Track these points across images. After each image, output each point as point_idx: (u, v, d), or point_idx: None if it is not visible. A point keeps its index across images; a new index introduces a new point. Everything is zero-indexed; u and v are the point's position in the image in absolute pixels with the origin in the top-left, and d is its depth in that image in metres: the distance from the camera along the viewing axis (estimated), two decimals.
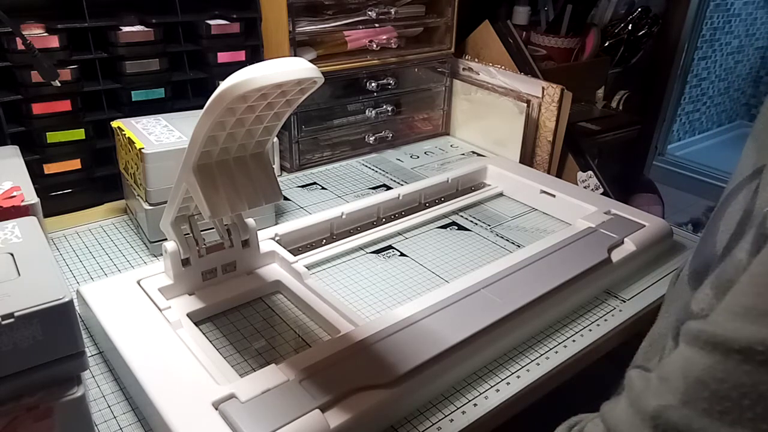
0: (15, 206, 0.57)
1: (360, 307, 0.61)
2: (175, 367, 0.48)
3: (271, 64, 0.42)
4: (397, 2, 0.96)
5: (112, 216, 0.78)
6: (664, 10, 1.45)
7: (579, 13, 1.17)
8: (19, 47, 0.67)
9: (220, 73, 0.83)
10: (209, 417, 0.43)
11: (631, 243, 0.68)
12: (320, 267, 0.68)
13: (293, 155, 0.93)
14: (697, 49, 2.29)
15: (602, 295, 0.65)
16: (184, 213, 0.56)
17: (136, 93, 0.79)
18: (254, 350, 0.55)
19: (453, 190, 0.86)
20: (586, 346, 0.57)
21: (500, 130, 1.01)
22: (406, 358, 0.49)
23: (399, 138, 1.06)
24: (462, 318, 0.54)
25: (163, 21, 0.78)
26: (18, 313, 0.35)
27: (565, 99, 0.93)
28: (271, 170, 0.53)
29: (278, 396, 0.45)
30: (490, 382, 0.53)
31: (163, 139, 0.67)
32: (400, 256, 0.71)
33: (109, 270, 0.67)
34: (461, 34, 1.07)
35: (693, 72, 2.40)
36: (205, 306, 0.58)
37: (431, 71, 1.07)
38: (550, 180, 0.86)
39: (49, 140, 0.74)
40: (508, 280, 0.60)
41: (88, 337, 0.56)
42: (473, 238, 0.76)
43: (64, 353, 0.37)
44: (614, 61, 1.35)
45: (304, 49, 0.90)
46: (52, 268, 0.40)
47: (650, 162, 1.59)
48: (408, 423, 0.48)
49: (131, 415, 0.48)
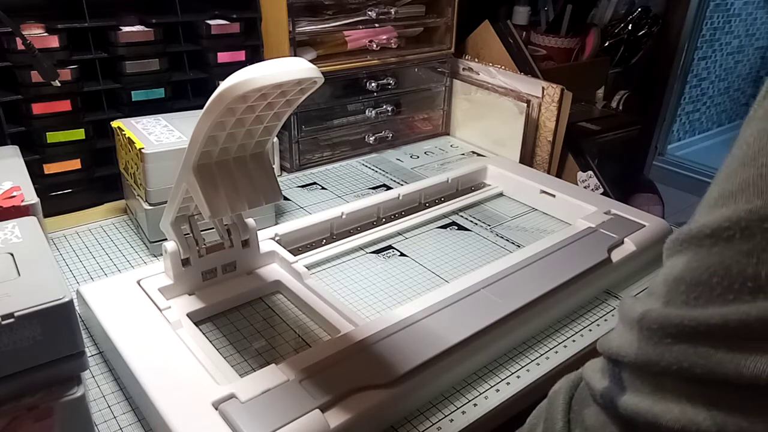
0: (15, 206, 0.57)
1: (360, 307, 0.61)
2: (175, 367, 0.48)
3: (271, 64, 0.42)
4: (397, 2, 0.97)
5: (112, 216, 0.78)
6: (664, 10, 1.45)
7: (579, 13, 1.17)
8: (19, 47, 0.67)
9: (220, 73, 0.83)
10: (209, 417, 0.43)
11: (631, 243, 0.68)
12: (320, 267, 0.68)
13: (293, 155, 0.93)
14: (697, 49, 2.29)
15: (602, 295, 0.65)
16: (184, 213, 0.56)
17: (136, 93, 0.79)
18: (254, 350, 0.55)
19: (453, 190, 0.86)
20: (586, 346, 0.57)
21: (500, 130, 1.01)
22: (406, 358, 0.49)
23: (399, 138, 1.06)
24: (462, 318, 0.54)
25: (163, 21, 0.78)
26: (18, 313, 0.35)
27: (565, 99, 0.93)
28: (271, 170, 0.53)
29: (278, 396, 0.45)
30: (490, 382, 0.53)
31: (163, 139, 0.67)
32: (400, 256, 0.71)
33: (109, 270, 0.67)
34: (461, 34, 1.07)
35: (693, 72, 2.40)
36: (205, 306, 0.58)
37: (431, 71, 1.07)
38: (550, 180, 0.86)
39: (49, 140, 0.74)
40: (508, 280, 0.60)
41: (88, 337, 0.56)
42: (473, 238, 0.76)
43: (64, 353, 0.37)
44: (614, 61, 1.35)
45: (304, 49, 0.90)
46: (52, 268, 0.40)
47: (650, 162, 1.59)
48: (408, 423, 0.48)
49: (131, 415, 0.48)
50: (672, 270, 0.26)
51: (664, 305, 0.26)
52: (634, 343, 0.27)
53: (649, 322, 0.26)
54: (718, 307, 0.23)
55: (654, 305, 0.26)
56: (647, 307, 0.27)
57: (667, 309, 0.25)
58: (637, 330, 0.26)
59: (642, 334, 0.26)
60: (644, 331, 0.26)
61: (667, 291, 0.26)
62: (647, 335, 0.26)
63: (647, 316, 0.26)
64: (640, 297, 0.29)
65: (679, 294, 0.25)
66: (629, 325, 0.27)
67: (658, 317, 0.25)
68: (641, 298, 0.28)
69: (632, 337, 0.27)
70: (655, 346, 0.25)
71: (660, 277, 0.27)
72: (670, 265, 0.27)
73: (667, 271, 0.27)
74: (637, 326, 0.27)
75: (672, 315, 0.25)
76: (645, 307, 0.27)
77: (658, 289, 0.27)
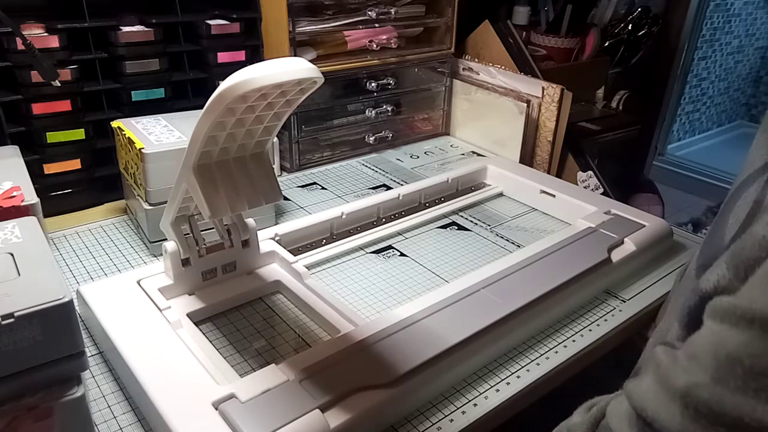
0: (15, 206, 0.57)
1: (360, 307, 0.61)
2: (175, 367, 0.48)
3: (271, 64, 0.42)
4: (397, 2, 0.96)
5: (112, 216, 0.78)
6: (664, 10, 1.45)
7: (579, 13, 1.17)
8: (19, 47, 0.67)
9: (220, 73, 0.83)
10: (209, 417, 0.43)
11: (631, 243, 0.68)
12: (320, 267, 0.68)
13: (293, 155, 0.93)
14: (697, 49, 2.28)
15: (602, 295, 0.65)
16: (184, 213, 0.56)
17: (136, 93, 0.79)
18: (254, 350, 0.55)
19: (453, 190, 0.86)
20: (586, 346, 0.57)
21: (500, 130, 1.01)
22: (406, 358, 0.49)
23: (399, 138, 1.06)
24: (462, 318, 0.54)
25: (163, 21, 0.78)
26: (18, 313, 0.35)
27: (565, 99, 0.93)
28: (271, 170, 0.53)
29: (278, 396, 0.45)
30: (490, 382, 0.53)
31: (163, 139, 0.67)
32: (400, 256, 0.71)
33: (109, 270, 0.67)
34: (461, 34, 1.07)
35: (693, 72, 2.40)
36: (205, 306, 0.58)
37: (431, 71, 1.07)
38: (550, 180, 0.86)
39: (49, 140, 0.74)
40: (508, 280, 0.60)
41: (88, 337, 0.56)
42: (473, 238, 0.76)
43: (64, 353, 0.37)
44: (614, 61, 1.35)
45: (304, 49, 0.90)
46: (52, 268, 0.40)
47: (650, 162, 1.59)
48: (408, 423, 0.48)
49: (131, 415, 0.48)
50: (723, 342, 0.24)
51: (714, 382, 0.24)
52: (676, 417, 0.25)
53: (697, 402, 0.24)
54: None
55: (701, 378, 0.24)
56: (693, 379, 0.24)
57: (720, 390, 0.23)
58: (681, 405, 0.24)
59: (687, 411, 0.24)
60: (690, 409, 0.24)
61: (717, 366, 0.24)
62: (693, 415, 0.24)
63: (694, 394, 0.24)
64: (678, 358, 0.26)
65: (735, 377, 0.23)
66: (671, 395, 0.25)
67: (710, 401, 0.23)
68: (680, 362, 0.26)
69: (674, 409, 0.25)
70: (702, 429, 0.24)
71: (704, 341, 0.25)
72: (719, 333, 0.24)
73: (716, 340, 0.24)
74: (680, 401, 0.25)
75: (727, 403, 0.23)
76: (691, 379, 0.25)
77: (705, 358, 0.24)
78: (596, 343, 0.58)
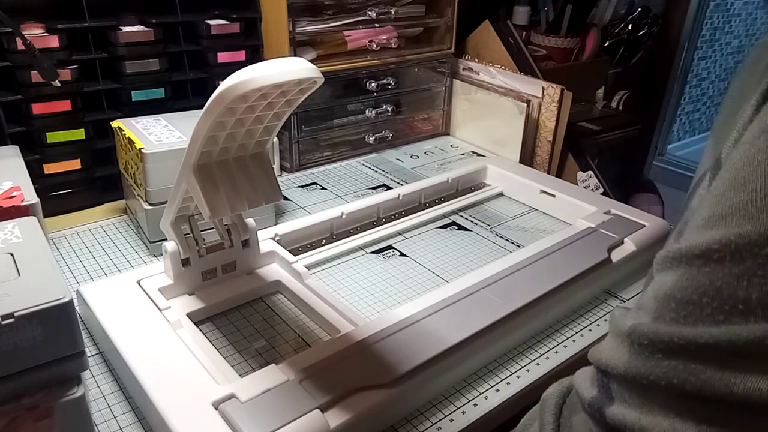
0: (15, 206, 0.57)
1: (360, 307, 0.61)
2: (175, 367, 0.48)
3: (271, 64, 0.42)
4: (397, 2, 0.96)
5: (112, 216, 0.78)
6: (664, 10, 1.45)
7: (579, 13, 1.17)
8: (19, 47, 0.67)
9: (220, 73, 0.83)
10: (209, 417, 0.43)
11: (631, 243, 0.68)
12: (320, 267, 0.68)
13: (293, 155, 0.93)
14: (697, 49, 2.28)
15: (602, 295, 0.65)
16: (184, 213, 0.56)
17: (136, 93, 0.79)
18: (254, 350, 0.55)
19: (453, 190, 0.86)
20: (586, 346, 0.57)
21: (500, 130, 1.01)
22: (406, 358, 0.49)
23: (399, 138, 1.06)
24: (462, 318, 0.54)
25: (163, 21, 0.78)
26: (18, 313, 0.35)
27: (565, 99, 0.93)
28: (271, 170, 0.53)
29: (278, 396, 0.45)
30: (490, 382, 0.53)
31: (163, 139, 0.67)
32: (400, 256, 0.71)
33: (109, 270, 0.67)
34: (461, 34, 1.07)
35: (693, 72, 2.39)
36: (205, 306, 0.58)
37: (431, 71, 1.07)
38: (550, 180, 0.86)
39: (49, 140, 0.74)
40: (508, 280, 0.60)
41: (88, 337, 0.56)
42: (473, 238, 0.76)
43: (64, 353, 0.37)
44: (614, 61, 1.35)
45: (304, 49, 0.90)
46: (52, 268, 0.40)
47: (650, 162, 1.59)
48: (408, 423, 0.48)
49: (131, 415, 0.48)
50: (662, 286, 0.27)
51: (654, 320, 0.26)
52: (624, 356, 0.27)
53: (639, 336, 0.26)
54: (708, 326, 0.24)
55: (644, 320, 0.27)
56: (637, 321, 0.27)
57: (657, 324, 0.26)
58: (628, 343, 0.27)
59: (632, 347, 0.27)
60: (634, 345, 0.27)
61: (656, 307, 0.26)
62: (637, 349, 0.26)
63: (637, 330, 0.27)
64: (629, 310, 0.29)
65: (669, 310, 0.26)
66: (619, 338, 0.28)
67: (648, 332, 0.26)
68: (631, 312, 0.29)
69: (622, 349, 0.27)
70: (645, 360, 0.26)
71: (649, 291, 0.28)
72: (660, 280, 0.27)
73: (656, 286, 0.27)
74: (627, 340, 0.27)
75: (662, 331, 0.25)
76: (635, 321, 0.27)
77: (647, 303, 0.27)
78: (596, 343, 0.58)
